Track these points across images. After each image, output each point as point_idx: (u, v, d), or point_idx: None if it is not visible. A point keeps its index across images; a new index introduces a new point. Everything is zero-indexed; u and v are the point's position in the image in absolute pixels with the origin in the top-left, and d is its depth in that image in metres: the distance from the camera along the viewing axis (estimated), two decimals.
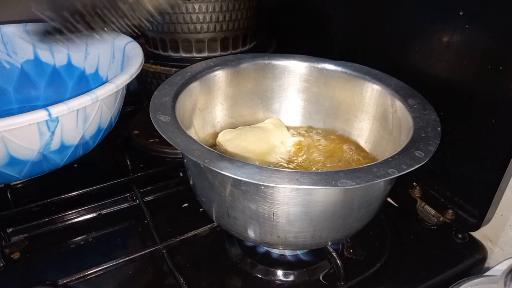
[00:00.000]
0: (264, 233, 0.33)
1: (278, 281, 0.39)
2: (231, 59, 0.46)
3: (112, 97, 0.43)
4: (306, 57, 0.47)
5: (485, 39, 0.36)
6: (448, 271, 0.40)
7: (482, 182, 0.39)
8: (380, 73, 0.44)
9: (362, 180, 0.27)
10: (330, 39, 0.57)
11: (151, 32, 0.62)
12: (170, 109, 0.35)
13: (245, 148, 0.42)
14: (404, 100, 0.39)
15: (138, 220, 0.47)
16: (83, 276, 0.37)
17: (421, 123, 0.35)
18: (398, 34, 0.46)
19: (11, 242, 0.42)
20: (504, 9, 0.34)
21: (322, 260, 0.41)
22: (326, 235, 0.34)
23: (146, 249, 0.40)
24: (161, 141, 0.57)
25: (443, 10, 0.39)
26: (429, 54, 0.42)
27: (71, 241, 0.43)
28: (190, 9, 0.56)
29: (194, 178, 0.37)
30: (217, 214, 0.36)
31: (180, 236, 0.41)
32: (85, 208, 0.46)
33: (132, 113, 0.64)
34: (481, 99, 0.38)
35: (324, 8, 0.57)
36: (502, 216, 0.43)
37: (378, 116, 0.43)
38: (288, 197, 0.30)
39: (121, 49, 0.53)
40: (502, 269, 0.33)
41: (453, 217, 0.43)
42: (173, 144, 0.30)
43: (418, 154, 0.30)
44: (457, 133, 0.41)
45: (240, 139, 0.43)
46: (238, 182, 0.30)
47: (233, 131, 0.45)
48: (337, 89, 0.46)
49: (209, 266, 0.40)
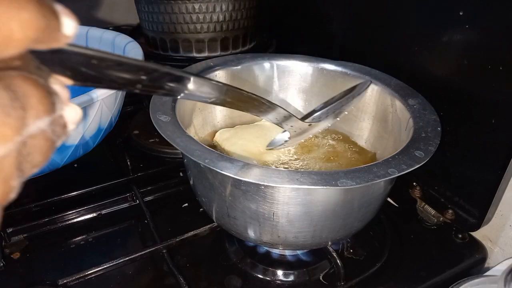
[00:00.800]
0: (264, 233, 0.33)
1: (278, 281, 0.39)
2: (231, 59, 0.46)
3: (112, 97, 0.43)
4: (306, 57, 0.47)
5: (485, 39, 0.36)
6: (448, 271, 0.40)
7: (482, 182, 0.39)
8: (380, 73, 0.44)
9: (362, 180, 0.27)
10: (330, 39, 0.57)
11: (151, 32, 0.62)
12: (170, 109, 0.35)
13: (243, 146, 0.42)
14: (404, 100, 0.39)
15: (138, 220, 0.47)
16: (83, 276, 0.37)
17: (421, 123, 0.35)
18: (398, 34, 0.46)
19: (11, 242, 0.42)
20: (504, 9, 0.34)
21: (322, 260, 0.41)
22: (326, 235, 0.34)
23: (146, 249, 0.40)
24: (161, 141, 0.57)
25: (443, 10, 0.39)
26: (429, 54, 0.42)
27: (71, 241, 0.43)
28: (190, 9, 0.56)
29: (194, 178, 0.37)
30: (217, 214, 0.36)
31: (180, 236, 0.41)
32: (85, 208, 0.46)
33: (132, 113, 0.64)
34: (481, 99, 0.38)
35: (324, 8, 0.57)
36: (502, 216, 0.43)
37: (378, 116, 0.43)
38: (288, 197, 0.30)
39: (121, 49, 0.53)
40: (502, 269, 0.33)
41: (453, 217, 0.43)
42: (173, 144, 0.30)
43: (418, 154, 0.30)
44: (457, 133, 0.41)
45: (237, 137, 0.43)
46: (238, 182, 0.30)
47: (231, 129, 0.45)
48: (337, 89, 0.46)
49: (209, 266, 0.40)
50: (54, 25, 0.12)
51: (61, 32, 0.13)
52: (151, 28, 0.61)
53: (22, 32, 0.11)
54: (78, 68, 0.14)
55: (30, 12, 0.11)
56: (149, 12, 0.59)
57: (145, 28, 0.63)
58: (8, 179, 0.12)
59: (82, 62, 0.14)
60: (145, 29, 0.63)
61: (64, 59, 0.14)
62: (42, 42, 0.12)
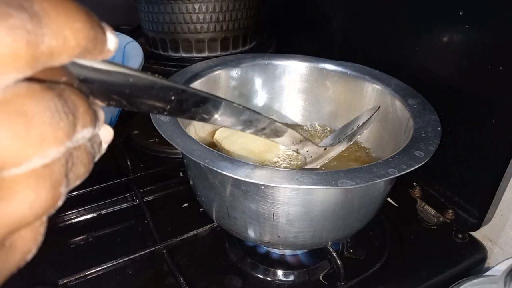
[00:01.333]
0: (264, 233, 0.33)
1: (278, 281, 0.39)
2: (231, 59, 0.46)
3: None
4: (306, 57, 0.47)
5: (485, 39, 0.36)
6: (448, 271, 0.40)
7: (482, 182, 0.39)
8: (380, 73, 0.44)
9: (362, 180, 0.27)
10: (330, 39, 0.57)
11: (151, 32, 0.62)
12: None
13: (243, 144, 0.42)
14: (404, 100, 0.39)
15: (138, 220, 0.47)
16: (83, 276, 0.37)
17: (421, 123, 0.35)
18: (398, 34, 0.46)
19: None
20: (504, 9, 0.34)
21: (322, 260, 0.41)
22: (326, 235, 0.34)
23: (146, 249, 0.40)
24: (161, 141, 0.57)
25: (443, 10, 0.39)
26: (429, 54, 0.42)
27: (71, 241, 0.43)
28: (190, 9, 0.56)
29: (194, 178, 0.37)
30: (217, 214, 0.36)
31: (180, 236, 0.41)
32: (85, 208, 0.46)
33: (132, 113, 0.64)
34: (481, 99, 0.38)
35: (324, 8, 0.57)
36: (502, 216, 0.43)
37: (378, 116, 0.43)
38: (288, 197, 0.30)
39: (121, 49, 0.53)
40: (502, 269, 0.33)
41: (453, 217, 0.43)
42: (173, 144, 0.30)
43: (418, 154, 0.30)
44: (457, 133, 0.41)
45: (237, 136, 0.43)
46: (238, 182, 0.30)
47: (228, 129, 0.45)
48: (337, 89, 0.46)
49: (209, 266, 0.40)
50: (101, 37, 0.13)
51: (106, 45, 0.13)
52: (151, 28, 0.61)
53: (75, 40, 0.12)
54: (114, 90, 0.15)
55: (82, 22, 0.12)
56: (149, 12, 0.59)
57: (145, 28, 0.63)
58: (58, 184, 0.13)
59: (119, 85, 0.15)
60: (145, 29, 0.63)
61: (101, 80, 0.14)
62: (89, 53, 0.13)
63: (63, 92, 0.12)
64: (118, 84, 0.15)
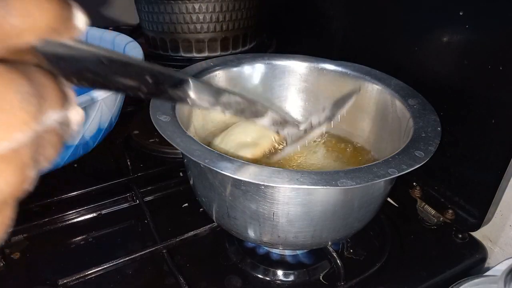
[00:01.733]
0: (264, 233, 0.33)
1: (278, 281, 0.39)
2: (231, 59, 0.46)
3: (112, 97, 0.43)
4: (306, 57, 0.47)
5: (485, 39, 0.36)
6: (448, 271, 0.40)
7: (482, 182, 0.39)
8: (380, 73, 0.44)
9: (362, 180, 0.27)
10: (330, 39, 0.57)
11: (151, 32, 0.62)
12: (170, 109, 0.35)
13: (235, 140, 0.41)
14: (404, 100, 0.39)
15: (138, 220, 0.47)
16: (83, 276, 0.37)
17: (421, 123, 0.35)
18: (398, 34, 0.46)
19: (11, 242, 0.42)
20: (504, 9, 0.34)
21: (322, 260, 0.41)
22: (326, 235, 0.34)
23: (146, 249, 0.40)
24: (161, 141, 0.57)
25: (443, 10, 0.39)
26: (429, 54, 0.42)
27: (71, 241, 0.43)
28: (190, 9, 0.56)
29: (194, 178, 0.37)
30: (217, 214, 0.36)
31: (180, 236, 0.41)
32: (85, 208, 0.46)
33: (132, 113, 0.64)
34: (481, 99, 0.38)
35: (324, 8, 0.57)
36: (502, 216, 0.43)
37: (378, 116, 0.43)
38: (288, 197, 0.30)
39: (121, 49, 0.53)
40: (502, 269, 0.33)
41: (453, 217, 0.43)
42: (173, 144, 0.30)
43: (418, 154, 0.30)
44: (457, 133, 0.41)
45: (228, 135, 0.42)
46: (238, 182, 0.30)
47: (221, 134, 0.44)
48: (337, 89, 0.46)
49: (209, 266, 0.40)
50: (68, 15, 0.13)
51: (74, 23, 0.13)
52: (151, 28, 0.61)
53: (42, 19, 0.12)
54: (86, 68, 0.14)
55: (50, 1, 0.12)
56: (149, 12, 0.59)
57: (145, 28, 0.63)
58: (25, 168, 0.12)
59: (91, 62, 0.14)
60: (145, 29, 0.63)
61: (72, 59, 0.14)
62: (57, 32, 0.13)
63: (31, 73, 0.12)
64: (89, 61, 0.14)
